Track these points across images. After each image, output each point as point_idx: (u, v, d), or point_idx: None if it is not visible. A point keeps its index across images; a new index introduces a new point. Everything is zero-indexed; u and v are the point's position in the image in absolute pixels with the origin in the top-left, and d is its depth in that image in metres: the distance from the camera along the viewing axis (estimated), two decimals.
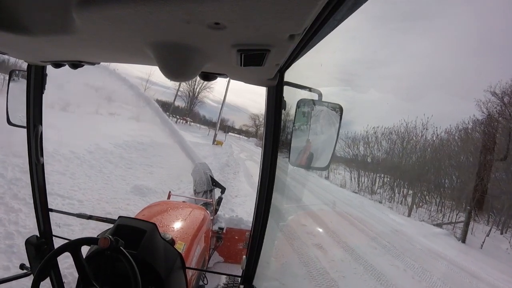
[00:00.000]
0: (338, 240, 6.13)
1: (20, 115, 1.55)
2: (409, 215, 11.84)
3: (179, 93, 37.83)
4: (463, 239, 8.81)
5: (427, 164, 14.15)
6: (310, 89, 1.22)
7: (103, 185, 6.13)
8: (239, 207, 6.70)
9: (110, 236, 1.24)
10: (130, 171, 7.85)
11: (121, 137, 10.92)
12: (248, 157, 20.64)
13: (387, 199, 14.52)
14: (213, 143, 21.57)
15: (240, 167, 13.61)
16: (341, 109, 1.22)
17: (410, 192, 14.00)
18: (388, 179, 15.90)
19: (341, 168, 19.80)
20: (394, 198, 14.53)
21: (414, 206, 12.59)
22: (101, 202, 5.14)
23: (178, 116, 36.01)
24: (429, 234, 8.71)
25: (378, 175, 16.45)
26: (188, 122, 37.12)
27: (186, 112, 39.92)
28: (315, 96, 1.21)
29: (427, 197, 13.37)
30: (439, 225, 10.58)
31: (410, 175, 14.57)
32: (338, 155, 19.45)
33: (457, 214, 11.25)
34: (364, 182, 17.08)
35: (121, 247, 1.26)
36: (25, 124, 1.53)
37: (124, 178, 7.05)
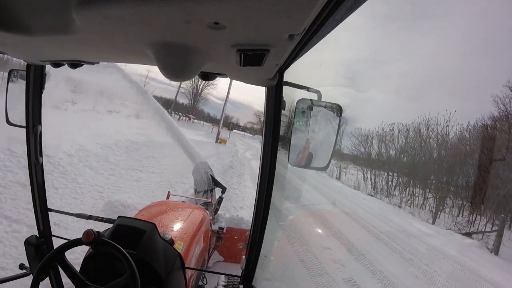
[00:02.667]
0: (372, 269, 5.03)
1: (19, 114, 1.55)
2: (433, 222, 10.96)
3: (182, 90, 36.99)
4: (496, 251, 8.10)
5: (446, 164, 13.11)
6: (309, 89, 1.22)
7: (70, 200, 4.94)
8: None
9: (92, 230, 1.23)
10: (111, 179, 6.54)
11: (112, 136, 9.76)
12: (253, 156, 19.03)
13: (406, 203, 13.49)
14: (216, 141, 20.54)
15: (245, 168, 12.35)
16: (340, 109, 1.22)
17: (428, 194, 13.06)
18: (404, 180, 14.83)
19: (351, 166, 18.89)
20: (414, 201, 13.52)
21: (438, 211, 11.70)
22: (56, 229, 3.80)
23: (180, 113, 35.27)
24: (462, 247, 7.90)
25: (393, 175, 15.40)
26: (191, 119, 36.35)
27: (190, 109, 39.23)
28: (314, 96, 1.21)
29: (447, 199, 12.41)
30: (467, 235, 9.76)
31: (429, 176, 13.61)
32: (347, 152, 18.65)
33: (486, 222, 10.28)
34: (378, 182, 15.92)
35: (104, 238, 1.25)
36: (24, 124, 1.53)
37: (101, 189, 5.81)
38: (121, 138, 10.15)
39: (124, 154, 8.82)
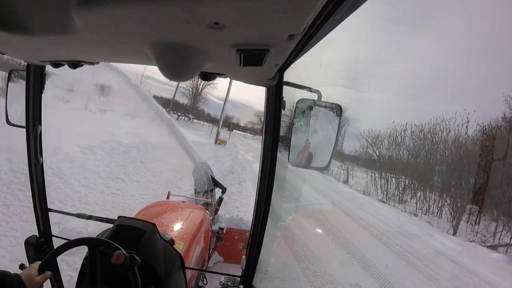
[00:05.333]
0: None
1: (19, 114, 1.55)
2: (454, 233, 10.30)
3: (182, 89, 36.48)
4: None
5: (462, 168, 11.98)
6: (309, 89, 1.22)
7: (18, 225, 3.65)
8: None
9: (124, 252, 1.20)
10: (81, 192, 5.23)
11: (99, 137, 8.64)
12: (255, 158, 17.66)
13: (421, 211, 12.56)
14: (215, 142, 19.67)
15: (247, 173, 11.18)
16: (340, 109, 1.22)
17: (443, 200, 12.18)
18: (416, 184, 13.98)
19: (356, 169, 18.16)
20: (429, 209, 12.54)
21: (454, 220, 10.89)
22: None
23: (179, 113, 34.76)
24: (491, 264, 7.30)
25: (405, 178, 14.42)
26: (190, 119, 35.86)
27: (189, 109, 38.82)
28: (314, 96, 1.21)
29: (464, 206, 11.42)
30: (493, 248, 9.18)
31: (444, 181, 12.73)
32: (354, 154, 18.06)
33: None
34: (388, 187, 14.97)
35: (135, 267, 1.22)
36: (24, 124, 1.54)
37: (64, 207, 4.54)
38: (108, 139, 8.94)
39: (107, 158, 7.54)
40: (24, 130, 1.55)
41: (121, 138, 9.68)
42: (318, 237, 6.38)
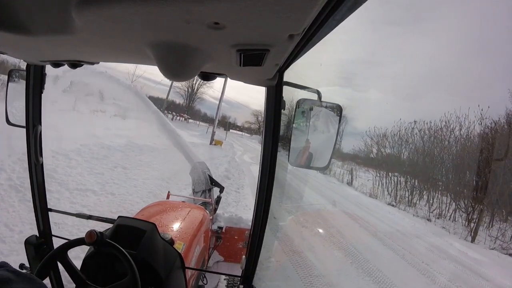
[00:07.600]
0: None
1: (19, 114, 1.55)
2: (473, 240, 9.80)
3: (177, 89, 36.21)
4: None
5: (474, 168, 11.27)
6: (309, 89, 1.22)
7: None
8: None
9: (95, 230, 1.24)
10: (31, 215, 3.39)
11: (79, 140, 7.73)
12: (253, 159, 16.70)
13: (434, 215, 11.86)
14: (210, 143, 18.49)
15: (245, 177, 10.18)
16: (340, 108, 1.22)
17: (453, 203, 11.58)
18: (425, 185, 13.11)
19: (357, 168, 17.65)
20: (442, 212, 11.84)
21: (469, 224, 10.37)
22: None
23: (174, 113, 34.08)
24: None
25: (414, 180, 13.69)
26: (185, 119, 35.32)
27: (185, 109, 38.46)
28: (314, 96, 1.22)
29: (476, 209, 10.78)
30: None
31: (458, 183, 11.90)
32: (358, 154, 17.61)
33: None
34: (396, 187, 14.21)
35: (107, 239, 1.26)
36: (24, 124, 1.54)
37: (4, 235, 3.36)
38: (90, 142, 7.99)
39: (83, 164, 6.53)
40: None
41: (106, 140, 8.72)
42: (332, 260, 5.38)
